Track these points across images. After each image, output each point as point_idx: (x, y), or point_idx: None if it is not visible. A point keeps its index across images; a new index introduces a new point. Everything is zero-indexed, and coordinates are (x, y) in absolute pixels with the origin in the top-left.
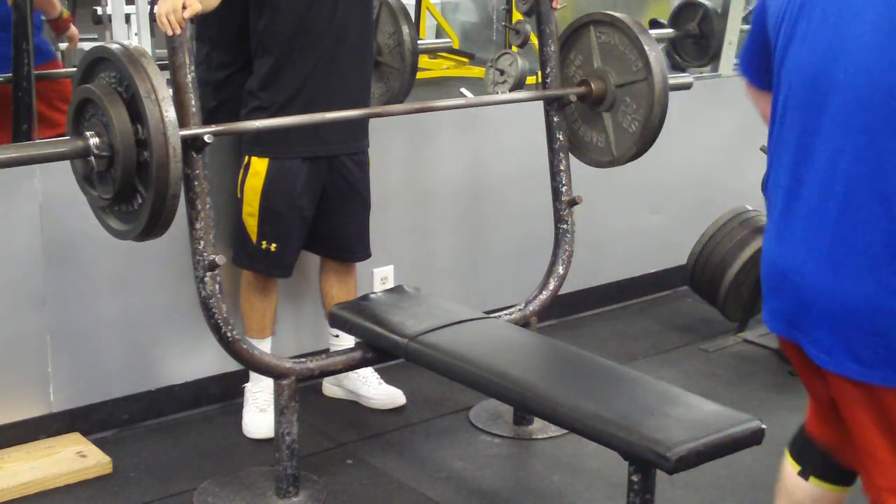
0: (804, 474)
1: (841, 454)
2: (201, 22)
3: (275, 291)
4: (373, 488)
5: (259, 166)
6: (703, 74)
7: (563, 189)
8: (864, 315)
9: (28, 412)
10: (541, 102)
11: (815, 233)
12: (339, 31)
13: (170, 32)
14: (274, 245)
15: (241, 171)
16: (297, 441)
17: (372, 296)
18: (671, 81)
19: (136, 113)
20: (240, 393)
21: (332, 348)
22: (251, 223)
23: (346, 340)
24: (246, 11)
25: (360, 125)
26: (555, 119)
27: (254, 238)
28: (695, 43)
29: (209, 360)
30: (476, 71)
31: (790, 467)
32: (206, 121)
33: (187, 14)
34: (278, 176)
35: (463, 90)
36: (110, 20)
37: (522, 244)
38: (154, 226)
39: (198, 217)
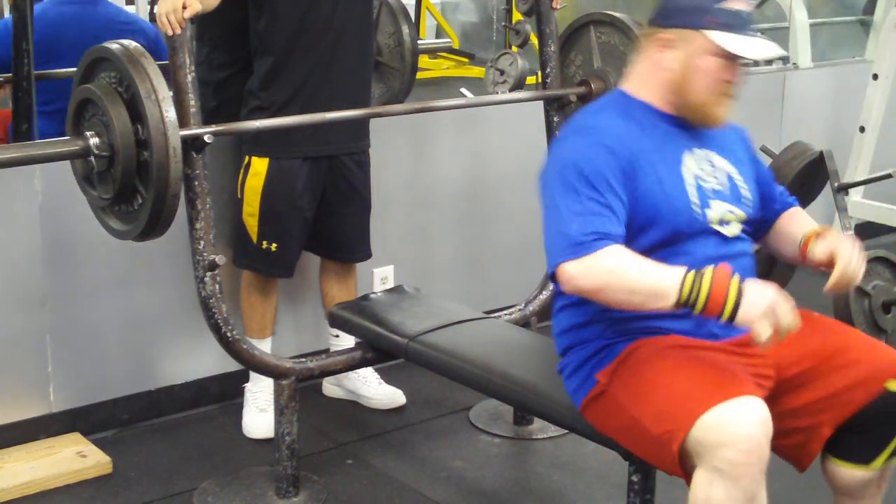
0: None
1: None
2: (202, 22)
3: (275, 291)
4: (373, 488)
5: (259, 166)
6: None
7: None
8: None
9: (28, 412)
10: (541, 102)
11: None
12: (339, 31)
13: (170, 32)
14: (274, 245)
15: (242, 171)
16: (297, 441)
17: (372, 296)
18: None
19: (136, 113)
20: (240, 393)
21: (332, 348)
22: (251, 223)
23: (346, 340)
24: (246, 11)
25: (361, 125)
26: (555, 119)
27: (254, 238)
28: None
29: (209, 360)
30: (476, 71)
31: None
32: (207, 121)
33: (187, 14)
34: (278, 176)
35: (463, 90)
36: None
37: (522, 244)
38: (154, 226)
39: (198, 217)
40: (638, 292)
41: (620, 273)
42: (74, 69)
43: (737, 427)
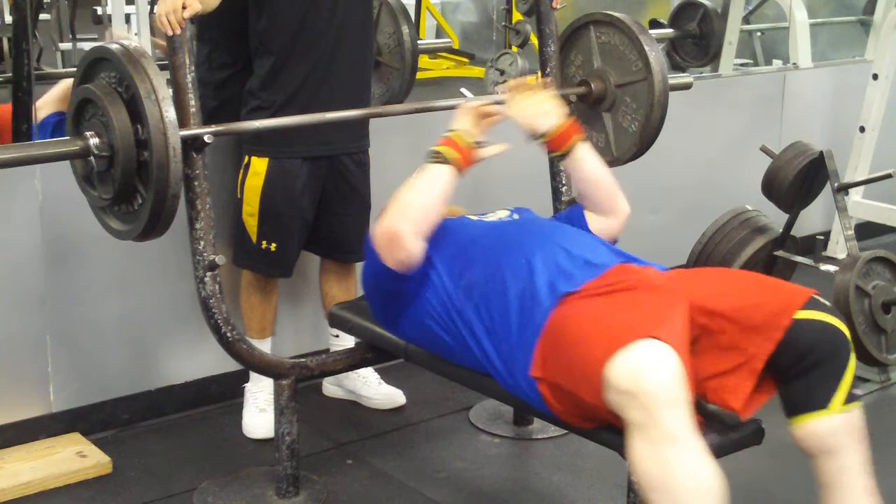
0: None
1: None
2: (202, 22)
3: (275, 291)
4: (373, 488)
5: (259, 166)
6: (703, 74)
7: (563, 189)
8: None
9: (28, 412)
10: None
11: None
12: (339, 31)
13: (170, 32)
14: (274, 245)
15: (241, 171)
16: (297, 441)
17: None
18: (671, 81)
19: (136, 113)
20: (240, 393)
21: (332, 348)
22: (251, 223)
23: (346, 340)
24: (246, 12)
25: (361, 125)
26: None
27: (254, 238)
28: (695, 43)
29: (209, 360)
30: (476, 71)
31: None
32: (208, 121)
33: (187, 14)
34: (278, 176)
35: (463, 90)
36: (110, 20)
37: None
38: (154, 226)
39: (198, 217)
40: (422, 182)
41: (402, 192)
42: (74, 69)
43: (650, 369)
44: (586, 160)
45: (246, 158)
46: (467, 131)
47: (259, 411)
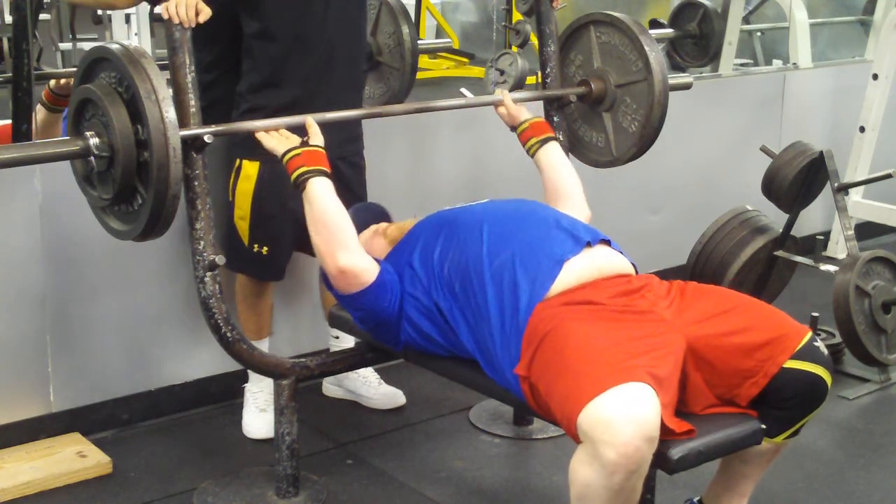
0: None
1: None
2: None
3: (269, 293)
4: (373, 488)
5: (250, 170)
6: (703, 74)
7: None
8: None
9: (28, 412)
10: (541, 102)
11: None
12: (332, 35)
13: (176, 21)
14: (266, 248)
15: (232, 174)
16: (297, 441)
17: None
18: (671, 81)
19: (136, 113)
20: (240, 393)
21: (332, 349)
22: (242, 227)
23: (346, 340)
24: (236, 15)
25: (353, 128)
26: (555, 119)
27: (245, 241)
28: (695, 43)
29: (209, 360)
30: (476, 71)
31: None
32: None
33: (202, 19)
34: (270, 179)
35: (463, 90)
36: (110, 20)
37: None
38: (154, 226)
39: (198, 217)
40: (317, 209)
41: (314, 236)
42: (74, 69)
43: (618, 429)
44: (556, 152)
45: (237, 162)
46: (292, 143)
47: (259, 411)
